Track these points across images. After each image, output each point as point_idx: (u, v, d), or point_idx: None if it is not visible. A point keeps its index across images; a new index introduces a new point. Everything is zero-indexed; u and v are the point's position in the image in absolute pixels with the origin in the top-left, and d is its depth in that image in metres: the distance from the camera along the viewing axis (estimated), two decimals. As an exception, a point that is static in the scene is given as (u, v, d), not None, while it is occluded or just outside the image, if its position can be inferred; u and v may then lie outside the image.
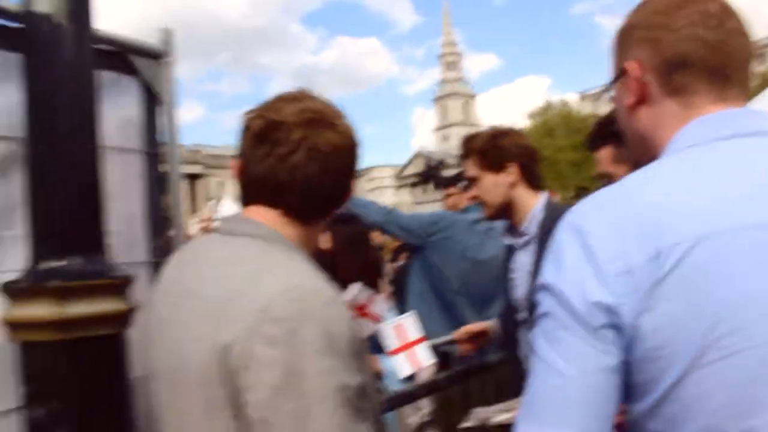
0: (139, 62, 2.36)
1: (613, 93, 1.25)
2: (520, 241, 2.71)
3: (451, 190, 4.75)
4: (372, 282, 3.24)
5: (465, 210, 4.43)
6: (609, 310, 0.93)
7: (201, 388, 1.09)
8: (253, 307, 1.06)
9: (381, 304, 2.99)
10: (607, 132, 2.49)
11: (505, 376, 3.61)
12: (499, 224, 2.96)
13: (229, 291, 1.11)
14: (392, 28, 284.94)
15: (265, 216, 1.27)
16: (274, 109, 1.28)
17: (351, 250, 3.11)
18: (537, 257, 2.58)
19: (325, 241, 3.04)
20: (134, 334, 1.90)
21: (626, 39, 1.18)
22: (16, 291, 1.61)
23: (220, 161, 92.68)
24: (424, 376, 2.96)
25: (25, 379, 1.62)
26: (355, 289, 2.91)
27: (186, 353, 1.13)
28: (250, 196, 1.31)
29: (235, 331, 1.05)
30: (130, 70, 2.34)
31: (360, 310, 2.88)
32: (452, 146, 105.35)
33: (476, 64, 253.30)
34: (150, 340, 1.30)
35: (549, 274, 1.01)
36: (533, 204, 2.65)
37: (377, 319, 2.94)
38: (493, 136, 2.71)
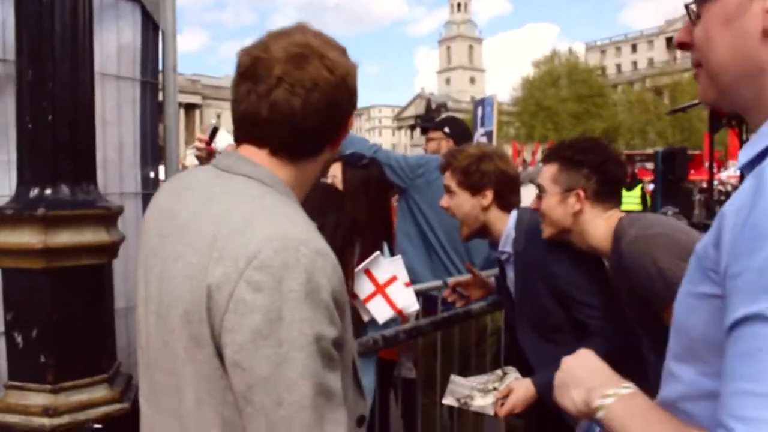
0: (138, -14, 2.29)
1: (702, 13, 1.02)
2: (503, 258, 2.83)
3: (433, 134, 4.64)
4: (383, 229, 3.20)
5: None
6: None
7: (186, 324, 1.10)
8: (242, 252, 1.06)
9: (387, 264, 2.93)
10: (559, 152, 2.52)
11: (486, 325, 3.68)
12: None
13: (222, 231, 1.10)
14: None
15: (257, 155, 1.25)
16: (262, 45, 1.25)
17: (364, 194, 3.05)
18: (519, 276, 2.73)
19: (337, 182, 3.02)
20: (120, 265, 1.90)
21: None
22: (1, 217, 1.59)
23: (220, 92, 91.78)
24: (408, 320, 2.97)
25: (7, 306, 1.62)
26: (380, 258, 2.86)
27: (173, 287, 1.13)
28: (240, 134, 1.30)
29: (222, 273, 1.06)
30: (129, -6, 2.27)
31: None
32: (454, 89, 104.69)
33: (486, 8, 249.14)
34: (138, 269, 1.29)
35: None
36: (504, 224, 2.76)
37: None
38: (478, 158, 2.76)
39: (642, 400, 1.06)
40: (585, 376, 1.24)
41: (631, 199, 15.16)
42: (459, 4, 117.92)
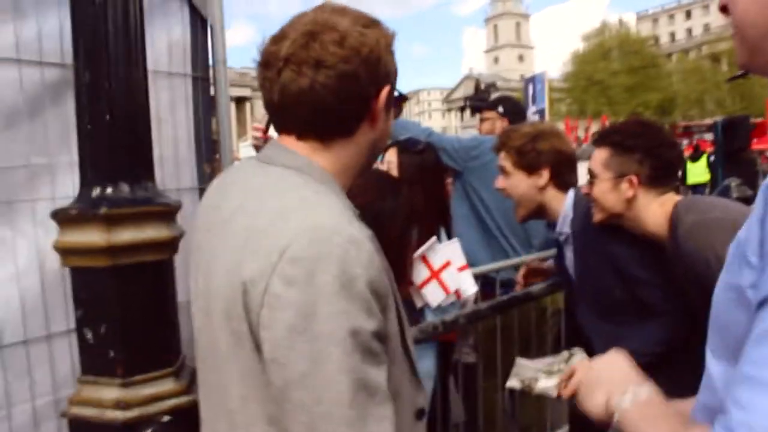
0: (186, -17, 2.31)
1: None
2: (561, 238, 2.78)
3: (487, 114, 4.56)
4: (440, 214, 3.16)
5: None
6: None
7: (227, 320, 1.10)
8: (274, 245, 1.04)
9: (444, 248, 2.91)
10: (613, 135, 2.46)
11: (545, 307, 3.64)
12: None
13: (256, 225, 1.10)
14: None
15: (292, 143, 1.24)
16: (279, 31, 1.22)
17: (420, 181, 2.98)
18: (578, 257, 2.68)
19: (392, 168, 3.01)
20: (180, 259, 1.93)
21: None
22: (66, 218, 1.64)
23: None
24: (466, 304, 2.95)
25: (77, 303, 1.66)
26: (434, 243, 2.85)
27: (215, 284, 1.14)
28: (273, 123, 1.29)
29: (257, 268, 1.05)
30: (177, -9, 2.30)
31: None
32: (503, 68, 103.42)
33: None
34: (191, 265, 1.31)
35: None
36: (562, 204, 2.71)
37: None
38: (533, 137, 2.71)
39: (657, 403, 1.03)
40: (611, 378, 1.21)
41: (698, 170, 14.75)
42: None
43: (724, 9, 0.96)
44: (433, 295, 2.81)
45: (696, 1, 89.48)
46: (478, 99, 4.58)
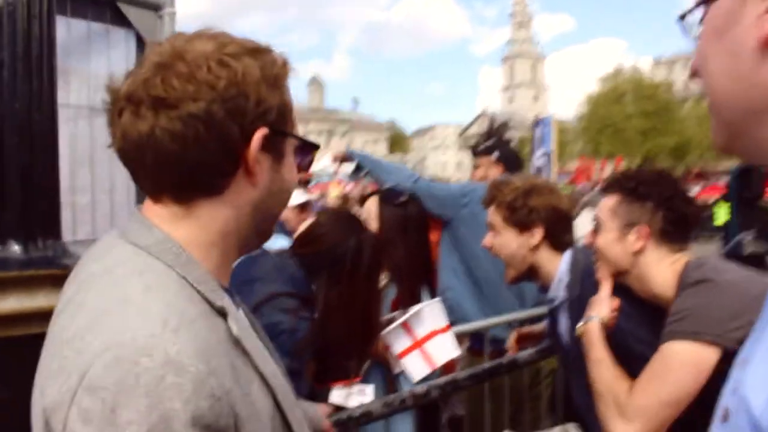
0: (133, 13, 2.08)
1: (704, 17, 0.76)
2: (555, 303, 2.52)
3: (481, 160, 4.30)
4: (423, 272, 2.95)
5: None
6: None
7: None
8: (75, 366, 0.78)
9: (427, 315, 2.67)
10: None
11: (540, 366, 3.36)
12: None
13: (68, 332, 0.84)
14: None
15: (152, 210, 0.98)
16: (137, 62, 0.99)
17: (402, 236, 2.78)
18: (574, 326, 2.35)
19: (371, 219, 2.77)
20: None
21: None
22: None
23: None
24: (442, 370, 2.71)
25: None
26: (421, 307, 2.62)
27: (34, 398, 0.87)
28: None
29: (56, 393, 0.79)
30: (122, 21, 2.07)
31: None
32: (517, 107, 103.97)
33: (550, 25, 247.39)
34: None
35: None
36: (556, 266, 2.46)
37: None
38: (526, 191, 2.49)
39: None
40: None
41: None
42: (521, 22, 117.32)
43: (694, 74, 0.78)
44: (414, 367, 2.60)
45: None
46: (487, 138, 4.34)
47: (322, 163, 4.88)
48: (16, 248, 1.41)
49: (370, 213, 2.81)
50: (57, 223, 1.53)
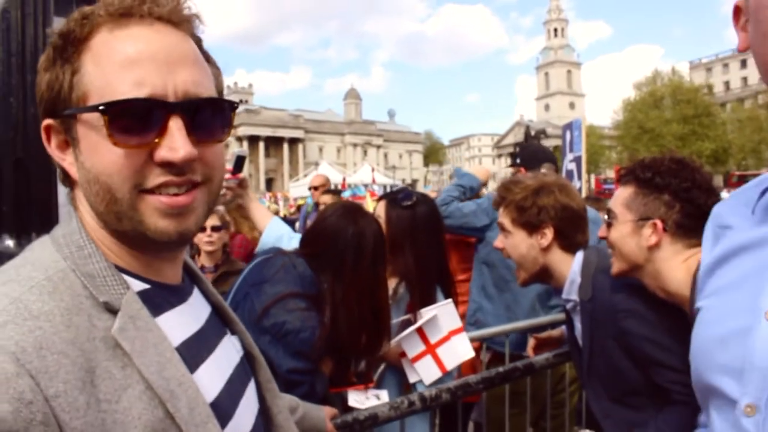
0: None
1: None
2: (568, 306, 2.45)
3: (513, 169, 4.34)
4: (437, 275, 2.84)
5: None
6: None
7: None
8: None
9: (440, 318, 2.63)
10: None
11: (564, 371, 3.29)
12: None
13: None
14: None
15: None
16: None
17: (410, 238, 2.72)
18: (587, 330, 2.31)
19: (381, 223, 2.75)
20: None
21: None
22: None
23: (321, 126, 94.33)
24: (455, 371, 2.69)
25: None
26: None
27: None
28: None
29: None
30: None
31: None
32: (554, 115, 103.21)
33: (585, 33, 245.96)
34: None
35: None
36: (568, 267, 2.37)
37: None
38: (535, 190, 2.40)
39: None
40: None
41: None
42: (555, 30, 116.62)
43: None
44: (427, 372, 2.59)
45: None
46: (524, 147, 4.35)
47: (358, 175, 4.93)
48: (9, 243, 1.42)
49: (379, 216, 2.78)
50: (51, 218, 1.54)
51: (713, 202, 2.01)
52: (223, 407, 0.99)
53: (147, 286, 0.96)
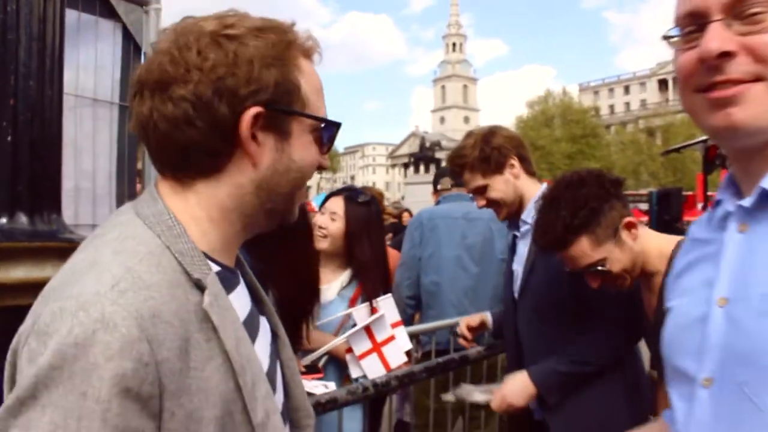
0: (121, 6, 2.15)
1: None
2: (522, 230, 2.68)
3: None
4: (385, 275, 3.08)
5: (438, 202, 4.50)
6: None
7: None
8: (34, 313, 0.87)
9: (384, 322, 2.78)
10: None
11: (482, 370, 3.50)
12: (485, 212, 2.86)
13: (44, 290, 0.91)
14: (405, 7, 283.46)
15: (160, 185, 1.06)
16: None
17: (366, 234, 2.94)
18: (532, 246, 2.56)
19: (337, 218, 2.89)
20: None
21: None
22: (-52, 247, 1.42)
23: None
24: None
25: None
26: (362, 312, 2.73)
27: None
28: None
29: (18, 336, 0.87)
30: (110, 13, 2.13)
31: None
32: (448, 128, 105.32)
33: (483, 50, 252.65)
34: None
35: None
36: (535, 192, 2.61)
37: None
38: (484, 139, 2.62)
39: None
40: None
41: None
42: (454, 44, 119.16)
43: (725, 54, 0.91)
44: (371, 369, 2.72)
45: (634, 77, 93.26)
46: (420, 157, 4.69)
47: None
48: (24, 219, 1.46)
49: (334, 213, 2.92)
50: (59, 200, 1.59)
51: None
52: (270, 383, 1.08)
53: (219, 268, 1.04)
